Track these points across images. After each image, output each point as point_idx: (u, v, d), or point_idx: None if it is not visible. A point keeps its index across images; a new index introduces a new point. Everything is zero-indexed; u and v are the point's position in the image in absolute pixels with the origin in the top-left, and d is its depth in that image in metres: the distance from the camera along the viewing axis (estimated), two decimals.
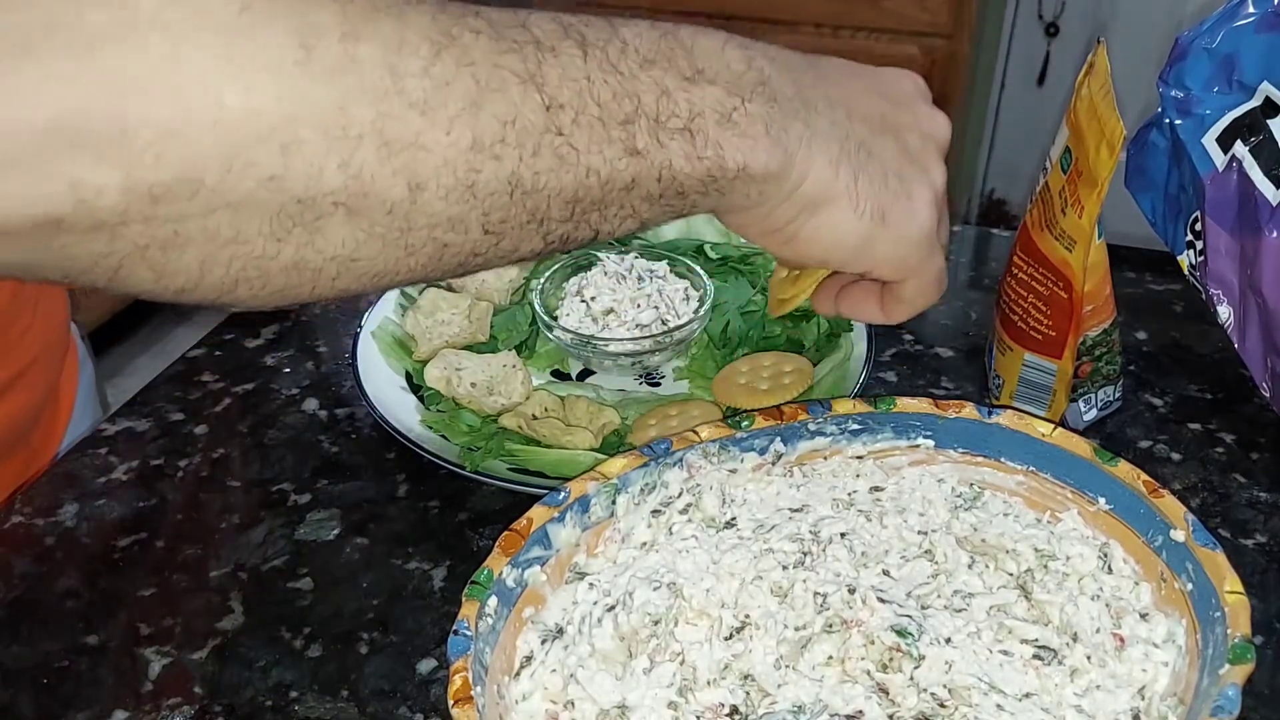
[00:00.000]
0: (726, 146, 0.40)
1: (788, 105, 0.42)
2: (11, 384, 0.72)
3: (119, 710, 0.51)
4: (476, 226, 0.36)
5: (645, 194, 0.39)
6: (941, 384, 0.72)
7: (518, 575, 0.47)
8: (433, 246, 0.36)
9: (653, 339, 0.70)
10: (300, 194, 0.32)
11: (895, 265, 0.47)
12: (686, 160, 0.39)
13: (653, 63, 0.38)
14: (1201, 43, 0.63)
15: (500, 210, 0.36)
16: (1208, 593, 0.44)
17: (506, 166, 0.35)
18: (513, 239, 0.37)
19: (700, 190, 0.40)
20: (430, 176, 0.34)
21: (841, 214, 0.44)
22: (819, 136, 0.43)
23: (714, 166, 0.40)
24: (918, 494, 0.53)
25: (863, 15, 1.96)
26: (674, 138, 0.38)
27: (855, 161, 0.44)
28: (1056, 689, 0.43)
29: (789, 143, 0.41)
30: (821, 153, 0.43)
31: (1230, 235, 0.62)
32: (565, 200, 0.37)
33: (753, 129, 0.40)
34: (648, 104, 0.38)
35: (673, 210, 0.41)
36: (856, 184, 0.43)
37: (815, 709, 0.42)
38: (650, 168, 0.38)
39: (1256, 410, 0.68)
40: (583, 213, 0.38)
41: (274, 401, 0.71)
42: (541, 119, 0.35)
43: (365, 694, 0.52)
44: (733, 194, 0.41)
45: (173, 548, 0.60)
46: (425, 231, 0.35)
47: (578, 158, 0.36)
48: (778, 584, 0.48)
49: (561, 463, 0.62)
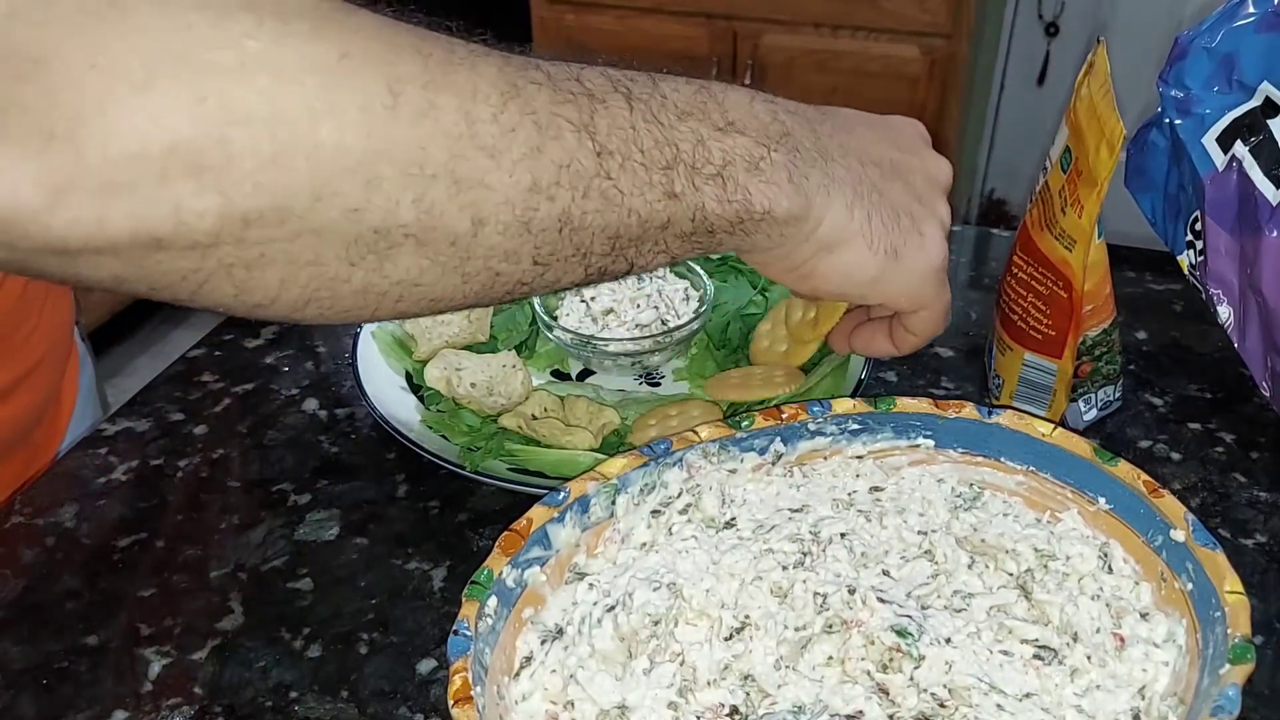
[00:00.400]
0: (754, 192, 0.44)
1: (808, 155, 0.46)
2: (17, 385, 0.72)
3: (119, 710, 0.51)
4: (528, 259, 0.39)
5: (679, 232, 0.43)
6: (941, 384, 0.72)
7: (518, 575, 0.47)
8: (486, 275, 0.39)
9: (653, 339, 0.70)
10: (377, 225, 0.35)
11: (909, 297, 0.51)
12: (718, 203, 0.43)
13: (689, 114, 0.43)
14: (1201, 42, 0.63)
15: (550, 245, 0.39)
16: (1208, 593, 0.44)
17: (559, 206, 0.38)
18: (557, 271, 0.41)
19: (727, 230, 0.44)
20: (492, 213, 0.37)
21: (857, 252, 0.48)
22: (836, 183, 0.47)
23: (742, 209, 0.44)
24: (918, 494, 0.53)
25: (863, 15, 1.96)
26: (708, 182, 0.42)
27: (869, 203, 0.48)
28: (1056, 689, 0.43)
29: (809, 189, 0.45)
30: (838, 197, 0.46)
31: (1230, 235, 0.62)
32: (608, 237, 0.41)
33: (777, 176, 0.44)
34: (685, 152, 0.42)
35: (701, 247, 0.45)
36: (870, 224, 0.48)
37: (815, 709, 0.42)
38: (685, 209, 0.42)
39: (1256, 410, 0.68)
40: (622, 248, 0.42)
41: (274, 401, 0.71)
42: (593, 164, 0.39)
43: (365, 694, 0.52)
44: (757, 235, 0.45)
45: (173, 548, 0.60)
46: (482, 262, 0.38)
47: (622, 199, 0.40)
48: (778, 584, 0.48)
49: (561, 463, 0.62)
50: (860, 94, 2.02)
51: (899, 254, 0.49)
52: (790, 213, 0.45)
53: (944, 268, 0.51)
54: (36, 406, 0.76)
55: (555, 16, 2.09)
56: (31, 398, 0.75)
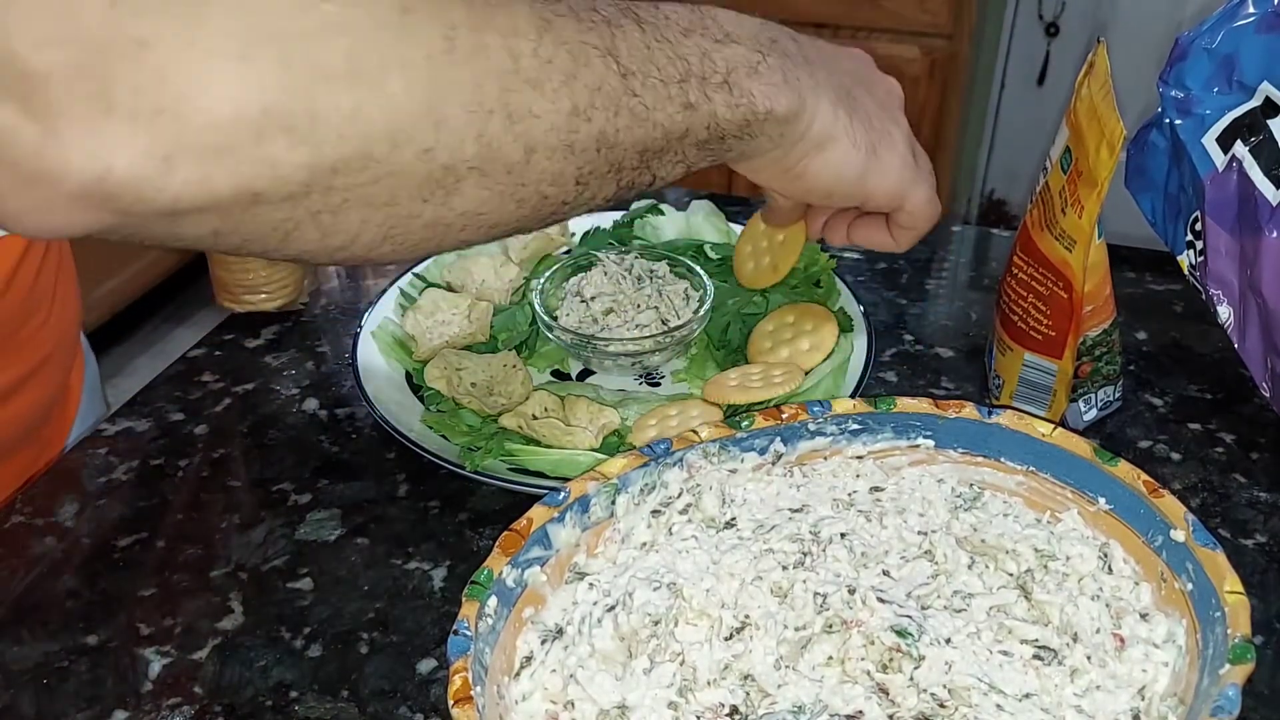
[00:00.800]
0: (757, 94, 0.47)
1: (795, 59, 0.50)
2: (24, 381, 0.72)
3: (119, 710, 0.51)
4: (571, 180, 0.42)
5: (696, 140, 0.46)
6: (941, 384, 0.72)
7: (518, 575, 0.47)
8: (536, 199, 0.42)
9: (653, 339, 0.70)
10: (446, 162, 0.38)
11: (888, 191, 0.54)
12: (727, 108, 0.46)
13: (692, 30, 0.46)
14: (1201, 43, 0.63)
15: (590, 164, 0.43)
16: (1208, 593, 0.44)
17: (596, 126, 0.42)
18: (594, 188, 0.44)
19: (736, 134, 0.48)
20: (541, 140, 0.40)
21: (843, 150, 0.52)
22: (820, 85, 0.51)
23: (748, 111, 0.47)
24: (918, 494, 0.53)
25: (863, 15, 1.96)
26: (717, 91, 0.46)
27: (847, 105, 0.52)
28: (1056, 689, 0.43)
29: (802, 89, 0.49)
30: (825, 98, 0.51)
31: (1230, 235, 0.62)
32: (638, 151, 0.44)
33: (774, 78, 0.48)
34: (695, 65, 0.45)
35: (713, 154, 0.48)
36: (852, 124, 0.52)
37: (815, 709, 0.42)
38: (701, 118, 0.46)
39: (1256, 410, 0.68)
40: (648, 161, 0.45)
41: (274, 401, 0.71)
42: (619, 84, 0.42)
43: (365, 694, 0.52)
44: (761, 137, 0.49)
45: (173, 548, 0.60)
46: (534, 186, 0.41)
47: (648, 114, 0.43)
48: (778, 584, 0.48)
49: (561, 463, 0.62)
50: None
51: (876, 151, 0.53)
52: (789, 110, 0.48)
53: (914, 164, 0.55)
54: (43, 404, 0.76)
55: None
56: (38, 395, 0.75)
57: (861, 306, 0.72)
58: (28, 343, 0.73)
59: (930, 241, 0.90)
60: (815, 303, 0.72)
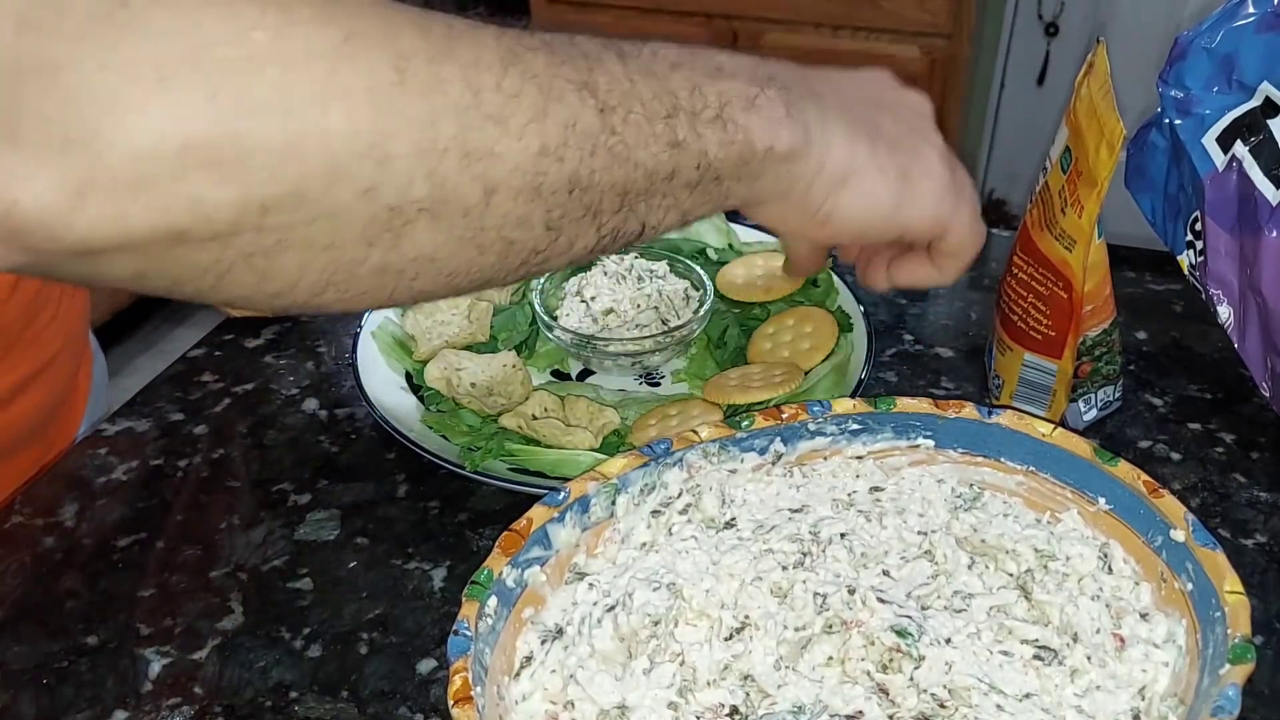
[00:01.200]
0: (754, 130, 0.43)
1: (799, 91, 0.46)
2: (32, 380, 0.73)
3: (119, 710, 0.51)
4: (540, 224, 0.39)
5: (686, 181, 0.42)
6: (941, 384, 0.72)
7: (518, 575, 0.47)
8: (501, 245, 0.39)
9: (653, 339, 0.70)
10: (392, 202, 0.35)
11: (930, 218, 0.50)
12: (720, 146, 0.43)
13: (680, 65, 0.43)
14: (1201, 43, 0.63)
15: (561, 207, 0.39)
16: (1208, 593, 0.44)
17: (568, 167, 0.38)
18: (570, 234, 0.40)
19: (734, 175, 0.44)
20: (503, 180, 0.37)
21: (870, 182, 0.47)
22: (831, 116, 0.47)
23: (744, 149, 0.43)
24: (917, 494, 0.53)
25: (863, 15, 1.95)
26: (708, 127, 0.42)
27: (868, 133, 0.48)
28: (1057, 689, 0.43)
29: (808, 122, 0.45)
30: (837, 129, 0.46)
31: (1230, 235, 0.62)
32: (618, 193, 0.40)
33: (774, 112, 0.44)
34: (683, 99, 0.42)
35: (710, 198, 0.44)
36: (875, 152, 0.47)
37: (815, 709, 0.42)
38: (690, 156, 0.42)
39: (1256, 410, 0.68)
40: (631, 204, 0.41)
41: (274, 401, 0.71)
42: (597, 121, 0.39)
43: (365, 694, 0.52)
44: (764, 178, 0.45)
45: (173, 548, 0.60)
46: (495, 231, 0.38)
47: (628, 153, 0.40)
48: (777, 584, 0.48)
49: (561, 463, 0.62)
50: None
51: (909, 176, 0.48)
52: (792, 146, 0.45)
53: (953, 183, 0.50)
54: (51, 402, 0.76)
55: (555, 17, 2.09)
56: (46, 394, 0.75)
57: (861, 306, 0.72)
58: (36, 340, 0.73)
59: None
60: (815, 305, 0.72)
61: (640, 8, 2.04)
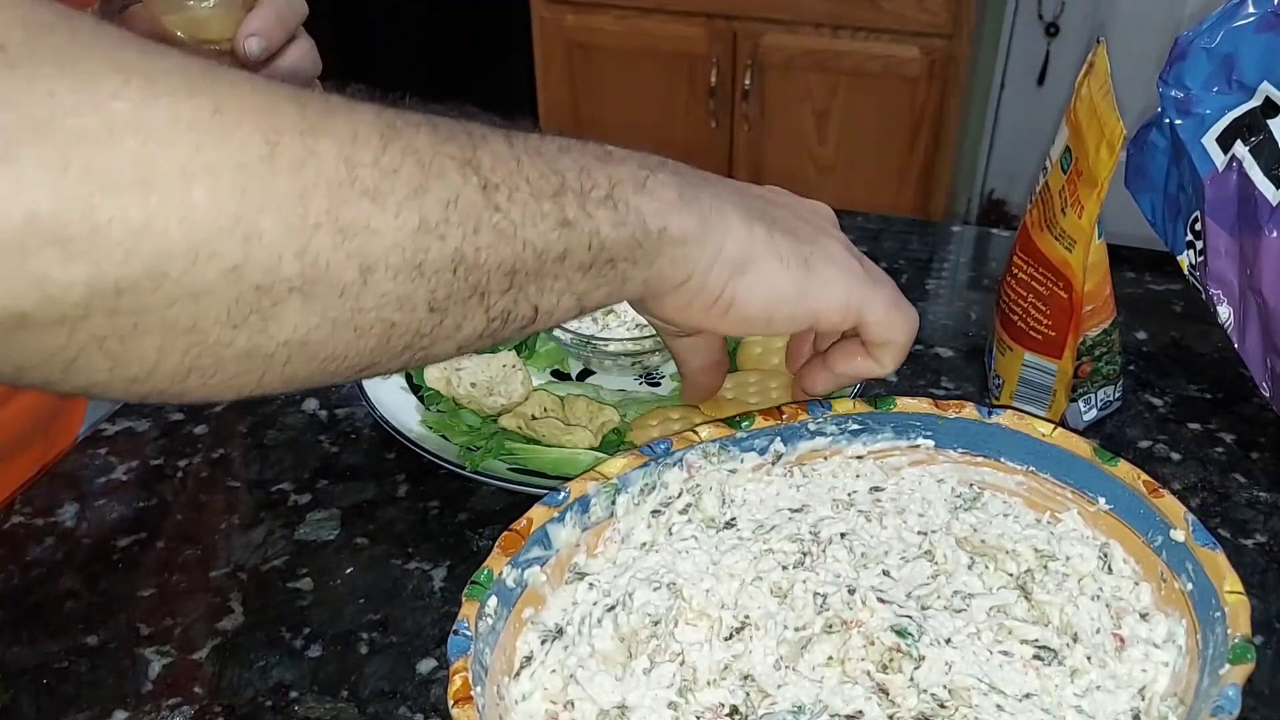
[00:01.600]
0: (646, 211, 0.43)
1: (691, 178, 0.46)
2: None
3: (119, 710, 0.51)
4: (423, 304, 0.37)
5: (578, 263, 0.41)
6: (941, 384, 0.72)
7: (518, 575, 0.47)
8: (381, 326, 0.37)
9: (653, 339, 0.70)
10: (259, 281, 0.33)
11: (837, 305, 0.48)
12: (612, 227, 0.42)
13: (569, 149, 0.42)
14: (1201, 43, 0.63)
15: (445, 287, 0.38)
16: (1208, 593, 0.44)
17: (450, 244, 0.37)
18: (456, 316, 0.39)
19: (628, 257, 0.43)
20: (380, 258, 0.36)
21: (769, 267, 0.46)
22: (726, 203, 0.46)
23: (637, 230, 0.42)
24: (917, 494, 0.53)
25: (863, 15, 1.95)
26: (599, 207, 0.41)
27: (765, 221, 0.47)
28: (1057, 689, 0.43)
29: (701, 207, 0.45)
30: (733, 214, 0.46)
31: (1230, 235, 0.62)
32: (504, 272, 0.39)
33: (667, 195, 0.43)
34: (571, 180, 0.41)
35: (606, 282, 0.43)
36: (773, 239, 0.46)
37: (815, 709, 0.42)
38: (581, 236, 0.41)
39: (1256, 410, 0.68)
40: (521, 284, 0.40)
41: (274, 401, 0.71)
42: (480, 198, 0.38)
43: (365, 694, 0.52)
44: (659, 260, 0.44)
45: (173, 548, 0.60)
46: (374, 312, 0.36)
47: (515, 231, 0.39)
48: (777, 584, 0.48)
49: (561, 462, 0.62)
50: (860, 94, 2.02)
51: (810, 263, 0.47)
52: (684, 228, 0.44)
53: (861, 270, 0.49)
54: (50, 402, 0.76)
55: (555, 17, 2.09)
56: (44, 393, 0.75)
57: None
58: None
59: (930, 241, 0.90)
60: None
61: (640, 8, 2.04)
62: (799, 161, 2.11)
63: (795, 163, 2.11)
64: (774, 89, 2.05)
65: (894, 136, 2.04)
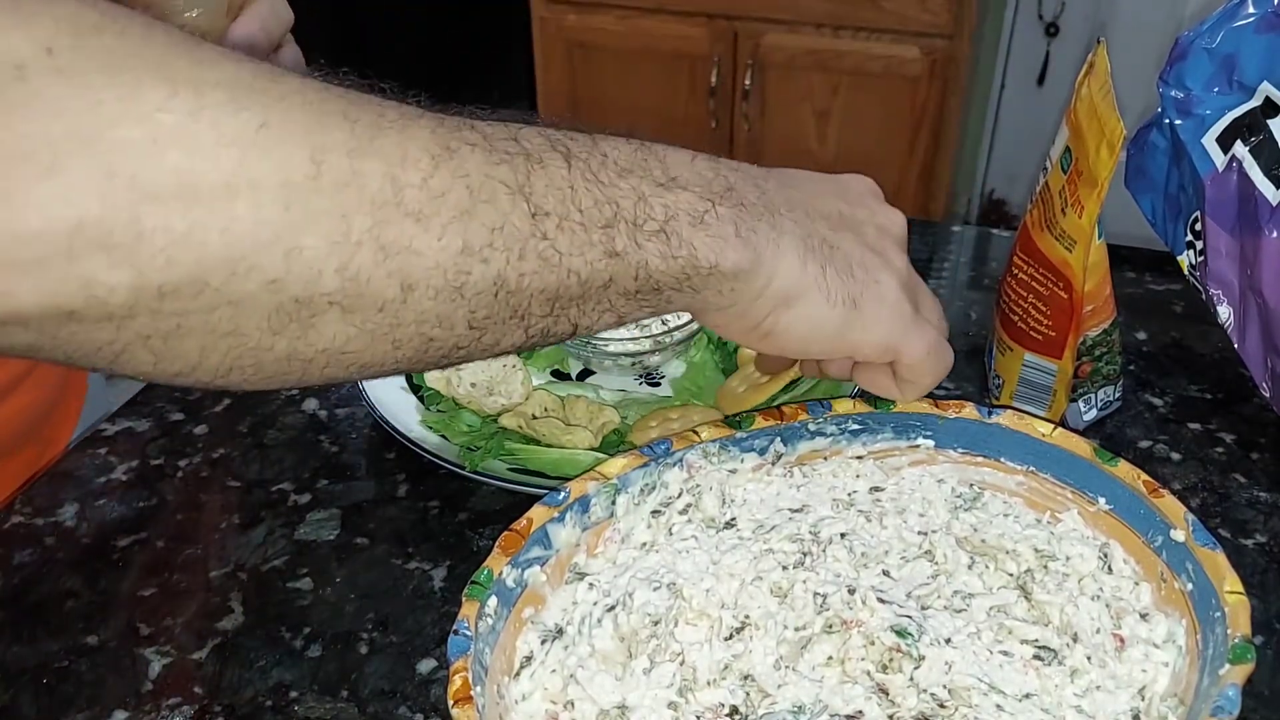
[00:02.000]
0: (699, 246, 0.42)
1: (754, 209, 0.45)
2: (22, 380, 0.72)
3: (119, 710, 0.51)
4: (462, 323, 0.38)
5: (622, 291, 0.41)
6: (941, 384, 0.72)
7: (518, 575, 0.47)
8: (419, 341, 0.38)
9: (653, 339, 0.70)
10: (299, 294, 0.34)
11: (875, 346, 0.49)
12: (662, 259, 0.42)
13: (630, 171, 0.42)
14: (1201, 43, 0.63)
15: (485, 309, 0.38)
16: (1208, 593, 0.44)
17: (493, 268, 0.37)
18: (494, 334, 0.39)
19: (674, 287, 0.43)
20: (421, 278, 0.36)
21: (814, 305, 0.46)
22: (785, 236, 0.45)
23: (687, 265, 0.42)
24: (918, 494, 0.53)
25: (863, 15, 1.95)
26: (650, 239, 0.41)
27: (821, 256, 0.46)
28: (1056, 689, 0.43)
29: (758, 243, 0.44)
30: (789, 250, 0.45)
31: (1230, 235, 0.62)
32: (547, 298, 0.40)
33: (723, 230, 0.43)
34: (625, 209, 0.41)
35: (649, 306, 0.43)
36: (825, 276, 0.46)
37: (815, 709, 0.42)
38: (628, 267, 0.41)
39: (1256, 410, 0.68)
40: (562, 309, 0.40)
41: (274, 401, 0.71)
42: (528, 225, 0.38)
43: (365, 694, 0.52)
44: (706, 291, 0.44)
45: (173, 548, 0.60)
46: (414, 328, 0.37)
47: (560, 259, 0.39)
48: (777, 584, 0.48)
49: (561, 462, 0.62)
50: (861, 94, 2.02)
51: (858, 304, 0.47)
52: (738, 266, 0.43)
53: (910, 313, 0.49)
54: (44, 402, 0.76)
55: (555, 17, 2.09)
56: (38, 393, 0.75)
57: None
58: None
59: (930, 241, 0.90)
60: None
61: (641, 8, 2.04)
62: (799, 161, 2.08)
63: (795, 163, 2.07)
64: (774, 89, 2.05)
65: (894, 136, 2.04)
